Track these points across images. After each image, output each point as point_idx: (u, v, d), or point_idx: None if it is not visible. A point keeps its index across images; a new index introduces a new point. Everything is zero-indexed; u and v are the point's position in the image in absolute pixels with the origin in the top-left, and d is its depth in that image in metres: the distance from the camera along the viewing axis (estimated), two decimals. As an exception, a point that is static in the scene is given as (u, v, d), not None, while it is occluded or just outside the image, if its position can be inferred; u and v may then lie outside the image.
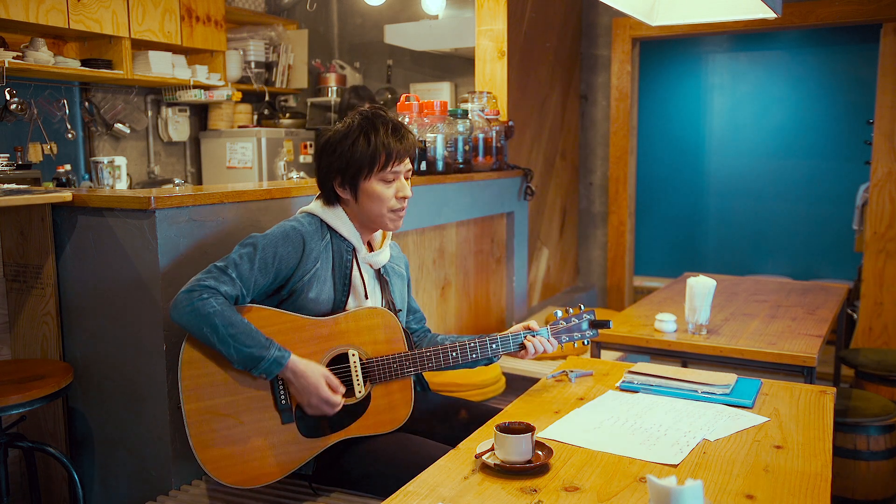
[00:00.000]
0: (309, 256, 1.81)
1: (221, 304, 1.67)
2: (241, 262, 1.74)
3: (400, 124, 1.89)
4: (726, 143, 6.05)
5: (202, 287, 1.69)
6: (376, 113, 1.89)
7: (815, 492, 1.36)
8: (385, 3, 4.91)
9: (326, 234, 1.87)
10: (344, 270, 1.87)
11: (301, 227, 1.83)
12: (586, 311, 2.01)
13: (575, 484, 1.40)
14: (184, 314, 1.67)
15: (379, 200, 1.85)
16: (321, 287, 1.83)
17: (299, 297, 1.81)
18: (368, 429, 1.83)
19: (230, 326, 1.66)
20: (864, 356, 3.43)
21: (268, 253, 1.77)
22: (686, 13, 2.68)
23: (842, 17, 4.02)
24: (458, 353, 1.88)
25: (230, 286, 1.71)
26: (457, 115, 3.24)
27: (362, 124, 1.85)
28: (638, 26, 4.48)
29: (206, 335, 1.67)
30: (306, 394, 1.73)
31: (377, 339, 1.84)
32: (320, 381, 1.73)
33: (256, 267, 1.75)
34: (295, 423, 1.77)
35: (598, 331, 2.02)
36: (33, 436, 2.23)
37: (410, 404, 1.88)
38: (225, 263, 1.74)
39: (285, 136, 4.89)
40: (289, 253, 1.79)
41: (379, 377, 1.83)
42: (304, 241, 1.81)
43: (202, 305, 1.66)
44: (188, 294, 1.68)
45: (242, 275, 1.73)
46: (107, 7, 3.88)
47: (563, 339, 1.98)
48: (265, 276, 1.77)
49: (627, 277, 4.81)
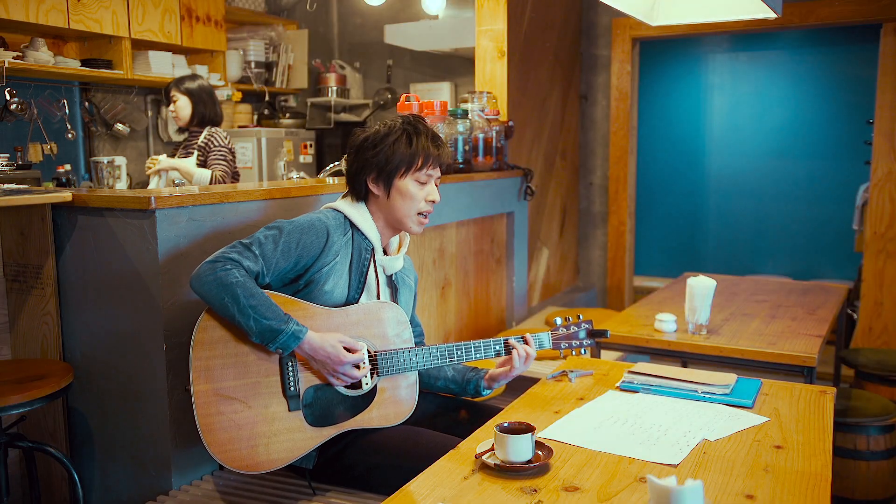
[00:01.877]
0: (330, 249, 1.85)
1: (244, 276, 1.70)
2: (265, 242, 1.77)
3: (438, 134, 1.96)
4: (726, 143, 6.05)
5: (226, 258, 1.72)
6: (419, 119, 1.96)
7: (815, 492, 1.36)
8: (385, 3, 4.91)
9: (349, 230, 1.91)
10: (361, 268, 1.91)
11: (326, 220, 1.87)
12: (584, 321, 2.06)
13: (575, 484, 1.40)
14: (206, 283, 1.70)
15: (410, 199, 1.90)
16: (337, 280, 1.85)
17: (315, 288, 1.83)
18: (373, 421, 1.84)
19: (251, 297, 1.68)
20: (864, 356, 3.43)
21: (292, 238, 1.80)
22: (686, 13, 2.68)
23: (842, 17, 4.02)
24: (463, 351, 1.91)
25: (252, 262, 1.74)
26: (457, 115, 3.24)
27: (405, 127, 1.91)
28: (638, 26, 4.48)
29: (226, 305, 1.68)
30: (330, 364, 1.75)
31: (386, 333, 1.87)
32: (338, 347, 1.75)
33: (280, 249, 1.78)
34: (301, 411, 1.78)
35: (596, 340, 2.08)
36: (33, 436, 2.22)
37: (415, 400, 1.90)
38: (250, 241, 1.78)
39: (285, 136, 4.89)
40: (312, 242, 1.82)
41: (386, 370, 1.85)
42: (328, 234, 1.85)
43: (225, 276, 1.68)
44: (212, 264, 1.71)
45: (265, 254, 1.77)
46: (107, 7, 3.88)
47: (563, 345, 2.04)
48: (286, 260, 1.80)
49: (627, 277, 4.81)
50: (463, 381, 2.03)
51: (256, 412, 1.74)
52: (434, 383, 2.06)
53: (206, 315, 1.74)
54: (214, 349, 1.73)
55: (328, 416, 1.82)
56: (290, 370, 1.78)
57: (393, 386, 1.87)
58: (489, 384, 2.01)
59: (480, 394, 2.02)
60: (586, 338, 2.06)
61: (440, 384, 2.05)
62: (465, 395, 2.05)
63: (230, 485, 1.98)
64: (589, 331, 2.06)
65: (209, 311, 1.75)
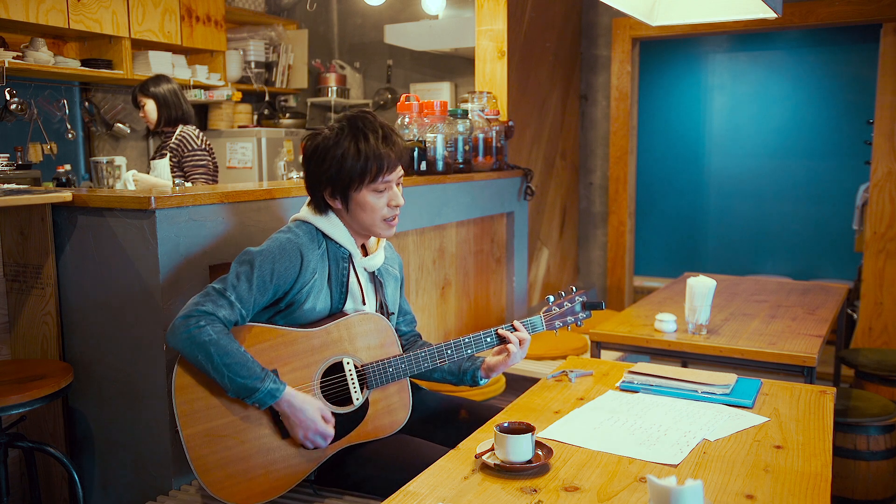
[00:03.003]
0: (307, 268, 1.78)
1: (218, 332, 1.64)
2: (238, 284, 1.70)
3: (389, 129, 1.82)
4: (726, 143, 6.05)
5: (200, 313, 1.65)
6: (364, 118, 1.81)
7: (815, 492, 1.36)
8: (385, 3, 4.91)
9: (322, 241, 1.84)
10: (341, 277, 1.85)
11: (297, 239, 1.79)
12: (578, 293, 2.00)
13: (575, 484, 1.40)
14: (179, 341, 1.65)
15: (371, 211, 1.82)
16: (318, 296, 1.81)
17: (297, 307, 1.79)
18: (368, 435, 1.83)
19: (225, 356, 1.63)
20: (864, 356, 3.43)
21: (265, 270, 1.72)
22: (686, 13, 2.68)
23: (842, 17, 4.02)
24: (454, 349, 1.87)
25: (228, 310, 1.68)
26: (457, 115, 3.24)
27: (352, 132, 1.78)
28: (638, 26, 4.48)
29: (200, 363, 1.64)
30: (302, 427, 1.70)
31: (370, 345, 1.83)
32: (317, 415, 1.71)
33: (255, 286, 1.71)
34: None
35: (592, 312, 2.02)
36: (33, 436, 2.22)
37: (409, 407, 1.87)
38: (223, 286, 1.70)
39: (285, 136, 4.89)
40: (286, 269, 1.75)
41: (375, 382, 1.81)
42: (302, 254, 1.78)
43: (198, 333, 1.63)
44: (185, 320, 1.65)
45: (241, 296, 1.70)
46: (107, 7, 3.88)
47: (558, 323, 1.98)
48: (264, 294, 1.74)
49: (627, 277, 4.81)
50: (459, 372, 1.97)
51: (250, 445, 1.72)
52: (431, 374, 2.00)
53: (182, 359, 1.70)
54: (196, 391, 1.69)
55: None
56: None
57: (385, 396, 1.84)
58: (486, 374, 1.95)
59: (478, 383, 1.96)
60: (581, 311, 2.00)
61: (437, 375, 1.99)
62: (462, 384, 1.98)
63: (230, 485, 1.97)
64: (584, 303, 1.99)
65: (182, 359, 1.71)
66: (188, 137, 3.56)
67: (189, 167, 3.51)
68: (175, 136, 3.56)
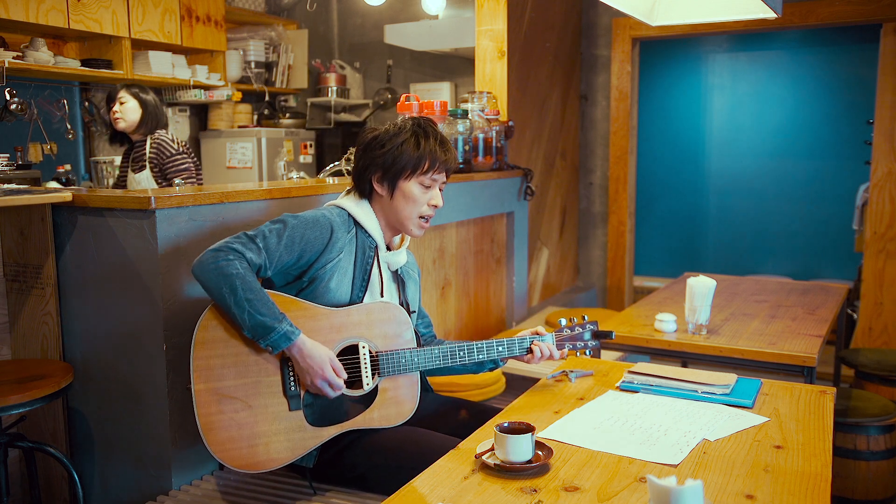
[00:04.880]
0: (334, 246, 1.85)
1: (244, 269, 1.71)
2: (269, 235, 1.78)
3: (447, 139, 1.95)
4: (726, 142, 6.05)
5: (229, 248, 1.72)
6: (428, 122, 1.95)
7: (815, 492, 1.36)
8: (385, 3, 4.91)
9: (353, 227, 1.91)
10: (365, 265, 1.91)
11: (331, 217, 1.88)
12: (590, 322, 2.06)
13: (575, 484, 1.40)
14: (206, 270, 1.70)
15: (413, 202, 1.91)
16: (341, 278, 1.86)
17: (319, 285, 1.83)
18: (374, 421, 1.84)
19: (249, 291, 1.69)
20: (864, 356, 3.43)
21: (296, 232, 1.80)
22: (686, 13, 2.68)
23: (842, 17, 4.02)
24: (465, 352, 1.91)
25: (255, 254, 1.75)
26: (457, 115, 3.24)
27: (414, 129, 1.91)
28: (638, 26, 4.48)
29: (224, 295, 1.69)
30: (310, 373, 1.75)
31: (388, 334, 1.87)
32: (325, 362, 1.75)
33: (283, 243, 1.79)
34: (302, 411, 1.78)
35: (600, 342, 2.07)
36: (33, 436, 2.22)
37: (416, 400, 1.89)
38: (255, 233, 1.78)
39: (285, 136, 4.89)
40: (315, 237, 1.83)
41: (387, 371, 1.85)
42: (332, 230, 1.85)
43: (226, 266, 1.69)
44: (214, 253, 1.71)
45: (269, 247, 1.77)
46: (107, 7, 3.88)
47: (567, 346, 2.03)
48: (290, 254, 1.80)
49: (627, 277, 4.81)
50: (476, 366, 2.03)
51: (257, 411, 1.74)
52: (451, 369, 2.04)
53: (208, 314, 1.74)
54: (215, 348, 1.73)
55: (329, 416, 1.81)
56: (290, 370, 1.78)
57: (394, 386, 1.87)
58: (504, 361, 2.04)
59: (498, 365, 2.05)
60: (591, 339, 2.05)
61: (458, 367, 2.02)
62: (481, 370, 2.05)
63: (230, 485, 1.98)
64: (594, 332, 2.05)
65: (211, 310, 1.75)
66: (165, 144, 3.45)
67: (172, 174, 3.41)
68: (150, 145, 3.44)
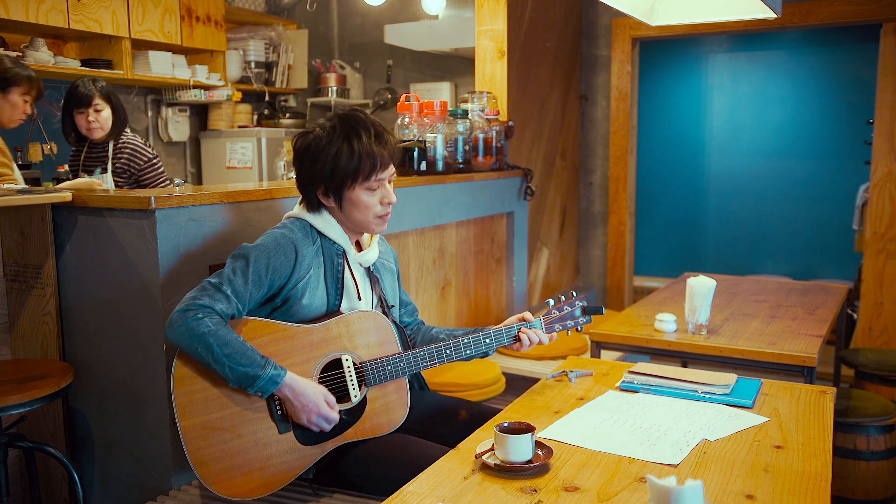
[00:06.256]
0: (302, 264, 1.79)
1: (216, 324, 1.65)
2: (235, 278, 1.71)
3: (381, 128, 1.83)
4: (726, 143, 6.05)
5: (197, 306, 1.66)
6: (356, 116, 1.82)
7: (815, 492, 1.36)
8: (385, 3, 4.91)
9: (316, 238, 1.85)
10: (336, 274, 1.86)
11: (292, 234, 1.80)
12: (578, 298, 2.01)
13: (575, 484, 1.40)
14: (178, 334, 1.65)
15: (365, 209, 1.83)
16: (314, 292, 1.81)
17: (293, 304, 1.79)
18: (366, 432, 1.83)
19: (224, 346, 1.64)
20: (864, 356, 3.43)
21: (260, 265, 1.74)
22: (686, 13, 2.68)
23: (842, 17, 4.02)
24: (452, 349, 1.87)
25: (225, 304, 1.69)
26: (457, 115, 3.24)
27: (344, 131, 1.79)
28: (638, 26, 4.48)
29: (200, 355, 1.65)
30: (305, 411, 1.71)
31: (369, 343, 1.83)
32: (319, 398, 1.71)
33: (250, 280, 1.73)
34: (292, 432, 1.76)
35: (591, 317, 2.02)
36: (33, 436, 2.22)
37: (407, 405, 1.87)
38: (219, 280, 1.71)
39: (285, 136, 4.89)
40: (281, 263, 1.77)
41: (374, 380, 1.81)
42: (297, 249, 1.79)
43: (196, 325, 1.64)
44: (182, 314, 1.66)
45: (237, 290, 1.71)
46: (107, 7, 3.88)
47: (557, 328, 1.98)
48: (259, 289, 1.75)
49: (627, 277, 4.81)
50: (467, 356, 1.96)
51: (247, 439, 1.72)
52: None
53: (181, 351, 1.71)
54: (195, 382, 1.70)
55: (320, 434, 1.78)
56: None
57: (383, 394, 1.84)
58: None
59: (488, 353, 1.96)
60: (582, 315, 2.00)
61: None
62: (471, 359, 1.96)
63: (230, 485, 1.97)
64: (584, 308, 2.00)
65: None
66: (137, 151, 3.17)
67: (147, 182, 3.19)
68: (120, 150, 3.15)
